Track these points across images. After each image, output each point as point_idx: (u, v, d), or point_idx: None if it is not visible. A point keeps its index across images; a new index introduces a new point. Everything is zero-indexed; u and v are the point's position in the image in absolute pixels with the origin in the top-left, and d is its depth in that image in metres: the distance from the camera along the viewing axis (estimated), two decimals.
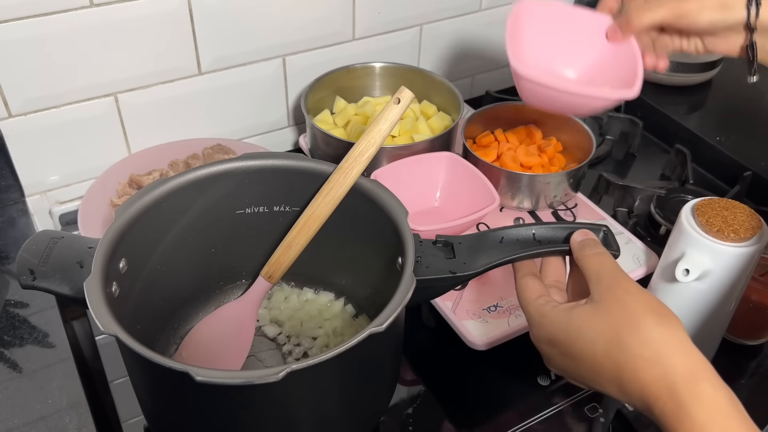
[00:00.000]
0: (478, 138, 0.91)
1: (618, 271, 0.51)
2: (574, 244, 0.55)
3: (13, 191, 0.83)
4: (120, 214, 0.57)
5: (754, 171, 0.91)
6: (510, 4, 1.05)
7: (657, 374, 0.45)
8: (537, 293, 0.54)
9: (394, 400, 0.65)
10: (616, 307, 0.48)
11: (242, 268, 0.70)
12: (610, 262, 0.52)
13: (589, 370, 0.49)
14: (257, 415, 0.50)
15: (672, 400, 0.43)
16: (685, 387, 0.43)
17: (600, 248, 0.54)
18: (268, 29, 0.88)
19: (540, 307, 0.53)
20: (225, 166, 0.62)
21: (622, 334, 0.47)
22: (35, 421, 0.60)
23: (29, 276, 0.53)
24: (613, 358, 0.47)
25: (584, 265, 0.53)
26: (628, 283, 0.50)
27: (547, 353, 0.53)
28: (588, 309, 0.50)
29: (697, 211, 0.63)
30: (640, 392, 0.45)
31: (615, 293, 0.49)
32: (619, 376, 0.47)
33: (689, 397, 0.43)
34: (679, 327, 0.47)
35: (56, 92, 0.79)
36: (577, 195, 0.87)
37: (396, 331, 0.57)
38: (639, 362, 0.46)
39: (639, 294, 0.49)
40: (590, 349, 0.49)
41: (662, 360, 0.45)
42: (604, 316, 0.48)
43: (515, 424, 0.65)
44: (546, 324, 0.52)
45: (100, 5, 0.76)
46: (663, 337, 0.46)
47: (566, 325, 0.50)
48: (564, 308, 0.52)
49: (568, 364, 0.51)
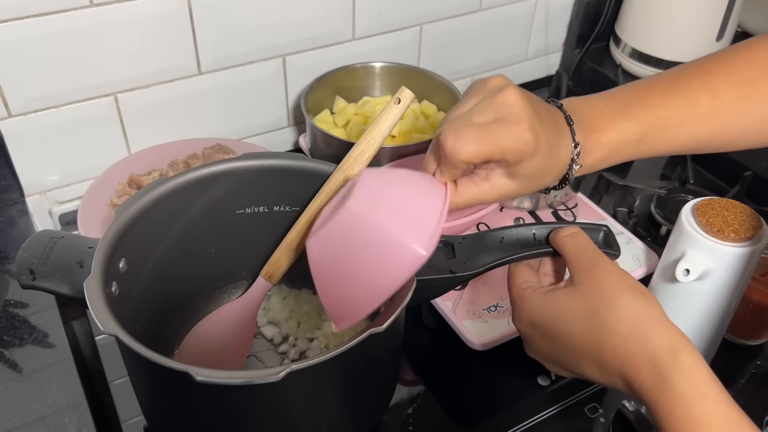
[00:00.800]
0: None
1: (594, 251, 0.52)
2: (552, 235, 0.56)
3: (13, 191, 0.83)
4: (120, 214, 0.56)
5: (754, 171, 0.91)
6: (510, 4, 1.06)
7: (637, 348, 0.46)
8: (522, 278, 0.55)
9: (394, 400, 0.65)
10: (594, 286, 0.49)
11: (242, 268, 0.70)
12: (586, 243, 0.53)
13: (568, 351, 0.50)
14: (257, 415, 0.50)
15: (653, 372, 0.44)
16: (666, 358, 0.44)
17: (575, 229, 0.55)
18: (268, 29, 0.88)
19: (522, 291, 0.54)
20: (225, 166, 0.62)
21: (600, 313, 0.48)
22: (35, 421, 0.60)
23: (29, 276, 0.53)
24: (592, 337, 0.48)
25: (561, 246, 0.54)
26: (605, 263, 0.51)
27: (528, 335, 0.54)
28: (567, 290, 0.51)
29: (697, 211, 0.63)
30: (620, 368, 0.46)
31: (593, 273, 0.50)
32: (599, 355, 0.48)
33: (670, 367, 0.44)
34: (656, 304, 0.48)
35: (56, 92, 0.79)
36: (577, 195, 0.87)
37: (396, 331, 0.57)
38: (618, 339, 0.47)
39: (616, 273, 0.50)
40: (570, 330, 0.49)
41: (642, 335, 0.46)
42: (582, 297, 0.49)
43: (515, 424, 0.65)
44: (526, 307, 0.53)
45: (100, 5, 0.76)
46: (641, 313, 0.47)
47: (546, 307, 0.51)
48: (544, 291, 0.53)
49: (549, 345, 0.52)
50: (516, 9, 1.07)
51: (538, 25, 1.12)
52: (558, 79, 1.13)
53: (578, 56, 1.13)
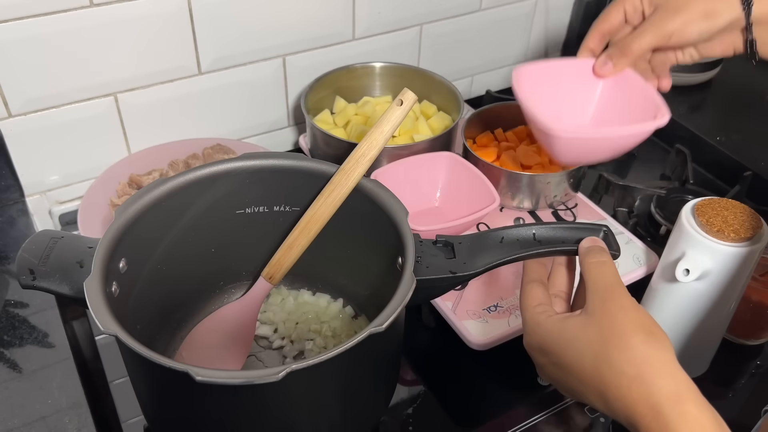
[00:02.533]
0: (478, 138, 0.91)
1: (615, 285, 0.51)
2: (581, 250, 0.55)
3: (13, 191, 0.83)
4: (120, 214, 0.57)
5: (754, 171, 0.91)
6: (510, 4, 1.06)
7: (642, 394, 0.45)
8: (537, 300, 0.54)
9: (394, 400, 0.65)
10: (607, 321, 0.48)
11: (242, 268, 0.70)
12: (610, 274, 0.52)
13: (577, 382, 0.50)
14: (257, 415, 0.50)
15: (656, 421, 0.43)
16: (670, 408, 0.43)
17: (604, 257, 0.54)
18: (268, 29, 0.88)
19: (536, 315, 0.53)
20: (225, 166, 0.62)
21: (609, 350, 0.47)
22: (35, 421, 0.60)
23: (29, 276, 0.53)
24: (599, 372, 0.47)
25: (585, 272, 0.53)
26: (622, 298, 0.50)
27: (539, 362, 0.54)
28: (580, 320, 0.50)
29: (697, 211, 0.63)
30: (625, 410, 0.46)
31: (608, 307, 0.49)
32: (604, 392, 0.47)
33: (674, 417, 0.43)
34: (667, 347, 0.47)
35: (56, 92, 0.79)
36: (577, 195, 0.87)
37: (396, 331, 0.57)
38: (624, 380, 0.46)
39: (631, 310, 0.49)
40: (579, 361, 0.49)
41: (647, 380, 0.45)
42: (594, 329, 0.49)
43: (515, 424, 0.65)
44: (539, 332, 0.52)
45: (100, 5, 0.76)
46: (649, 356, 0.46)
47: (558, 335, 0.51)
48: (558, 318, 0.52)
49: (558, 374, 0.51)
50: (516, 9, 1.07)
51: (538, 25, 1.12)
52: None
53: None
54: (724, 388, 0.70)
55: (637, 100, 0.70)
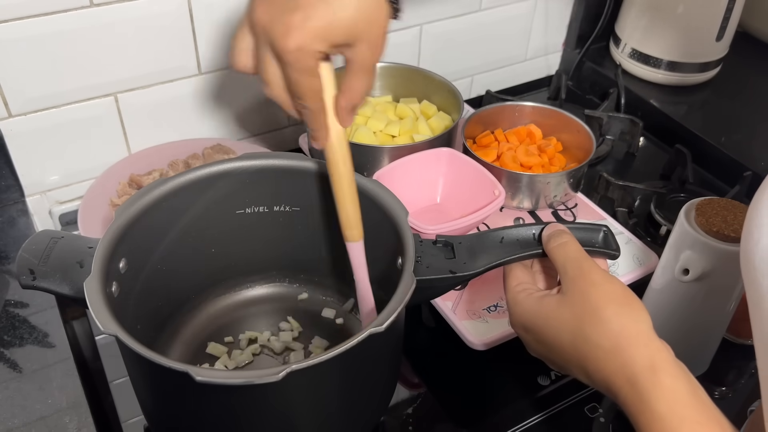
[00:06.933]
0: (478, 138, 0.91)
1: (581, 260, 0.52)
2: (543, 239, 0.56)
3: (13, 191, 0.83)
4: (120, 214, 0.57)
5: (754, 171, 0.91)
6: (510, 4, 1.06)
7: (618, 365, 0.46)
8: (517, 280, 0.56)
9: (394, 400, 0.65)
10: (579, 298, 0.50)
11: (242, 268, 0.70)
12: (573, 251, 0.53)
13: (559, 357, 0.51)
14: (257, 415, 0.50)
15: (632, 391, 0.45)
16: (644, 378, 0.44)
17: (564, 237, 0.55)
18: None
19: (516, 294, 0.55)
20: (225, 166, 0.62)
21: (584, 326, 0.48)
22: (35, 421, 0.60)
23: (29, 276, 0.54)
24: (577, 348, 0.49)
25: (552, 257, 0.55)
26: (591, 273, 0.51)
27: (525, 339, 0.55)
28: (555, 300, 0.52)
29: (697, 211, 0.63)
30: (605, 382, 0.47)
31: (579, 285, 0.51)
32: (584, 366, 0.49)
33: (648, 387, 0.44)
34: (642, 317, 0.48)
35: (56, 92, 0.79)
36: (577, 195, 0.87)
37: (396, 331, 0.57)
38: (600, 353, 0.47)
39: (602, 284, 0.50)
40: (558, 338, 0.50)
41: (622, 352, 0.46)
42: (568, 308, 0.50)
43: (515, 424, 0.66)
44: (519, 311, 0.54)
45: (100, 5, 0.76)
46: (623, 328, 0.47)
47: (536, 314, 0.52)
48: (536, 297, 0.53)
49: (543, 350, 0.53)
50: (516, 9, 1.07)
51: (538, 25, 1.12)
52: (558, 79, 1.12)
53: (578, 56, 1.13)
54: (724, 388, 0.70)
55: (473, 178, 0.80)
